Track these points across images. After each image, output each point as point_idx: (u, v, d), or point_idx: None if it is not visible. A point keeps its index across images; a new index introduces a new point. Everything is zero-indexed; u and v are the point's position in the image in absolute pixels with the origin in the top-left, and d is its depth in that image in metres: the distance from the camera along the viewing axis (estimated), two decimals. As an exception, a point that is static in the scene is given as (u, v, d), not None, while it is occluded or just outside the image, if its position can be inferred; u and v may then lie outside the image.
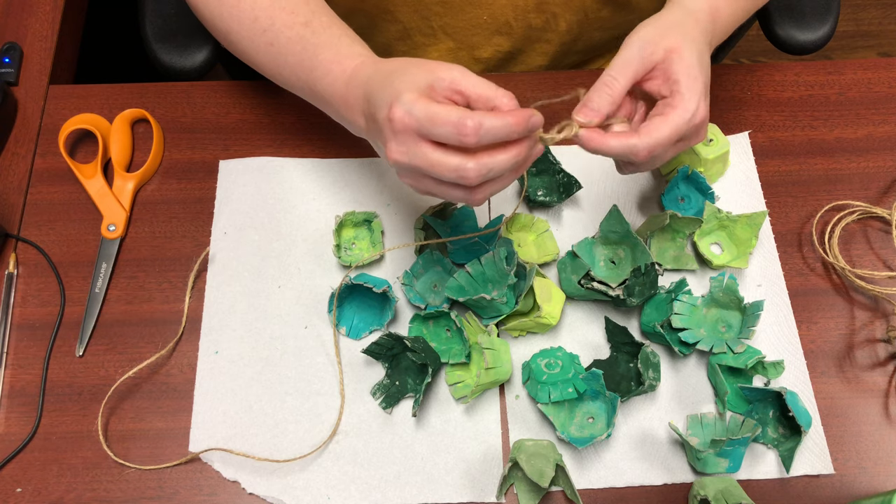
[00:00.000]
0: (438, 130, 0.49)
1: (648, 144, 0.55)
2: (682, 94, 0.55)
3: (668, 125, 0.55)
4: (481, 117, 0.49)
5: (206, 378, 0.66)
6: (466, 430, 0.64)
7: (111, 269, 0.70)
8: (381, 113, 0.52)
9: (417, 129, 0.50)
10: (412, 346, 0.63)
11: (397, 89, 0.51)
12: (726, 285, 0.66)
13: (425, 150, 0.50)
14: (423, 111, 0.50)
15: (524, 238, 0.72)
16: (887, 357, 0.68)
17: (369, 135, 0.58)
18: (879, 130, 0.78)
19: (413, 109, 0.50)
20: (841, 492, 0.62)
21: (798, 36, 0.86)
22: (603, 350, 0.68)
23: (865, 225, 0.74)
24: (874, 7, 1.86)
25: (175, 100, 0.79)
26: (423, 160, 0.51)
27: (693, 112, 0.55)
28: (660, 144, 0.55)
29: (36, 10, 0.84)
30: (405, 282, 0.68)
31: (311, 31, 0.62)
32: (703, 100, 0.56)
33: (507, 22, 0.78)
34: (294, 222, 0.73)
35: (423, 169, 0.51)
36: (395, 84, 0.52)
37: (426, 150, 0.50)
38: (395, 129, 0.51)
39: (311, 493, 0.62)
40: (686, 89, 0.56)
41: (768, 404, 0.64)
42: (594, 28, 0.81)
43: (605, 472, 0.63)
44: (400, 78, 0.52)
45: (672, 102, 0.56)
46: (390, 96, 0.51)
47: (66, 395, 0.65)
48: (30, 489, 0.62)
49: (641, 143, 0.55)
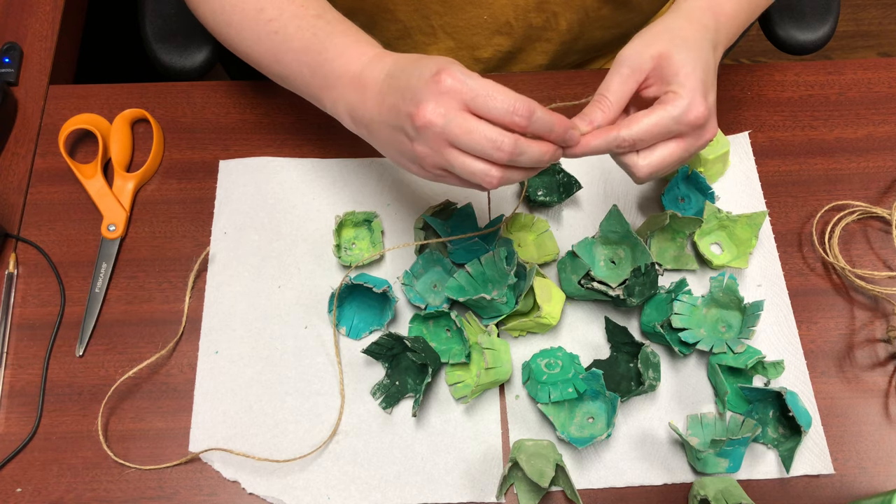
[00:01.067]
0: (492, 104, 0.50)
1: (631, 135, 0.54)
2: (674, 91, 0.55)
3: (652, 116, 0.55)
4: (536, 105, 0.51)
5: (206, 378, 0.66)
6: (466, 430, 0.64)
7: (111, 269, 0.70)
8: (419, 77, 0.52)
9: (467, 97, 0.51)
10: (412, 346, 0.63)
11: (443, 61, 0.52)
12: (726, 285, 0.66)
13: (466, 116, 0.51)
14: (480, 82, 0.51)
15: (524, 238, 0.72)
16: (887, 357, 0.68)
17: (375, 115, 0.57)
18: (879, 130, 0.78)
19: (468, 78, 0.51)
20: (841, 492, 0.62)
21: (798, 36, 0.86)
22: (603, 350, 0.68)
23: (865, 225, 0.74)
24: (874, 7, 1.86)
25: (175, 100, 0.79)
26: (460, 126, 0.51)
27: (685, 106, 0.55)
28: (642, 136, 0.55)
29: (36, 10, 0.84)
30: (405, 282, 0.68)
31: (325, 22, 0.62)
32: (700, 97, 0.56)
33: (508, 21, 0.78)
34: (294, 222, 0.73)
35: (456, 136, 0.51)
36: (434, 58, 0.53)
37: (467, 116, 0.51)
38: (441, 90, 0.51)
39: (311, 493, 0.62)
40: (678, 86, 0.55)
41: (768, 404, 0.64)
42: (595, 27, 0.81)
43: (605, 472, 0.63)
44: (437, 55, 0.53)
45: (664, 99, 0.56)
46: (437, 63, 0.52)
47: (66, 395, 0.65)
48: (30, 489, 0.62)
49: (623, 134, 0.55)
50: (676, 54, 0.56)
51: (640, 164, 0.57)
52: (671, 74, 0.56)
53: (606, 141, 0.55)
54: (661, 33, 0.58)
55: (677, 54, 0.56)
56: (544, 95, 0.79)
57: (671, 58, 0.56)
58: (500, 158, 0.51)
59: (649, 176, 0.57)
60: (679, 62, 0.56)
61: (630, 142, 0.55)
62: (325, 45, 0.61)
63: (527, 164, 0.53)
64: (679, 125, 0.55)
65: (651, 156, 0.57)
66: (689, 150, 0.58)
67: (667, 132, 0.56)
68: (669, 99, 0.55)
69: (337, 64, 0.60)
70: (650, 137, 0.55)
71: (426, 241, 0.68)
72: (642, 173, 0.57)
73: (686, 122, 0.55)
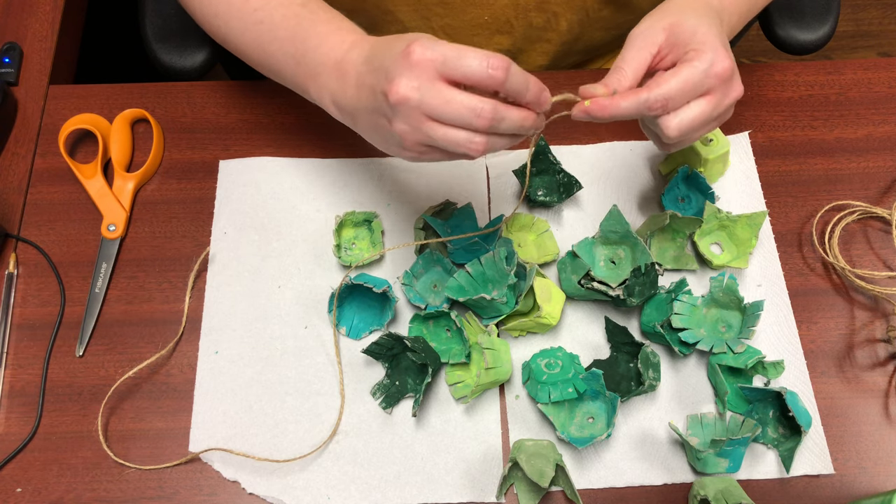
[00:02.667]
0: (466, 62, 0.49)
1: (659, 95, 0.54)
2: (696, 49, 0.55)
3: (679, 75, 0.54)
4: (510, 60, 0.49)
5: (206, 378, 0.66)
6: (466, 430, 0.64)
7: (111, 269, 0.70)
8: (390, 55, 0.51)
9: (440, 64, 0.49)
10: (412, 347, 0.63)
11: (414, 36, 0.51)
12: (726, 285, 0.66)
13: (441, 86, 0.50)
14: (449, 46, 0.50)
15: (524, 238, 0.72)
16: (887, 357, 0.68)
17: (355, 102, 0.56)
18: (879, 130, 0.78)
19: (436, 46, 0.50)
20: (841, 492, 0.62)
21: (798, 36, 0.86)
22: (603, 350, 0.68)
23: (865, 225, 0.74)
24: (874, 7, 1.86)
25: (175, 100, 0.79)
26: (437, 97, 0.49)
27: (710, 62, 0.54)
28: (672, 95, 0.54)
29: (36, 10, 0.84)
30: (405, 282, 0.68)
31: (309, 11, 0.62)
32: (722, 49, 0.55)
33: (508, 21, 0.78)
34: (294, 222, 0.73)
35: (433, 108, 0.50)
36: (406, 36, 0.52)
37: (442, 86, 0.50)
38: (412, 63, 0.50)
39: (311, 493, 0.62)
40: (699, 44, 0.55)
41: (768, 404, 0.64)
42: (595, 28, 0.81)
43: (605, 472, 0.63)
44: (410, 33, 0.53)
45: (686, 58, 0.55)
46: (407, 39, 0.51)
47: (66, 395, 0.65)
48: (30, 489, 0.62)
49: (653, 96, 0.54)
50: (687, 21, 0.56)
51: (670, 123, 0.56)
52: (687, 37, 0.56)
53: (636, 102, 0.54)
54: (668, 9, 0.58)
55: (688, 20, 0.56)
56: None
57: (683, 24, 0.56)
58: (481, 126, 0.50)
59: (679, 136, 0.56)
60: (692, 25, 0.56)
61: (660, 101, 0.54)
62: (309, 33, 0.60)
63: (508, 131, 0.52)
64: (707, 78, 0.55)
65: (680, 114, 0.56)
66: (717, 108, 0.56)
67: (695, 88, 0.55)
68: (692, 56, 0.55)
69: (319, 52, 0.59)
70: (680, 95, 0.54)
71: (426, 241, 0.68)
72: (672, 133, 0.56)
73: (714, 74, 0.55)
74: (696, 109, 0.56)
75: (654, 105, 0.54)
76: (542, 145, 0.71)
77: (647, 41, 0.57)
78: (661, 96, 0.54)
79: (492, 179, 0.75)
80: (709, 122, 0.57)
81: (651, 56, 0.57)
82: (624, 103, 0.54)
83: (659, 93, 0.54)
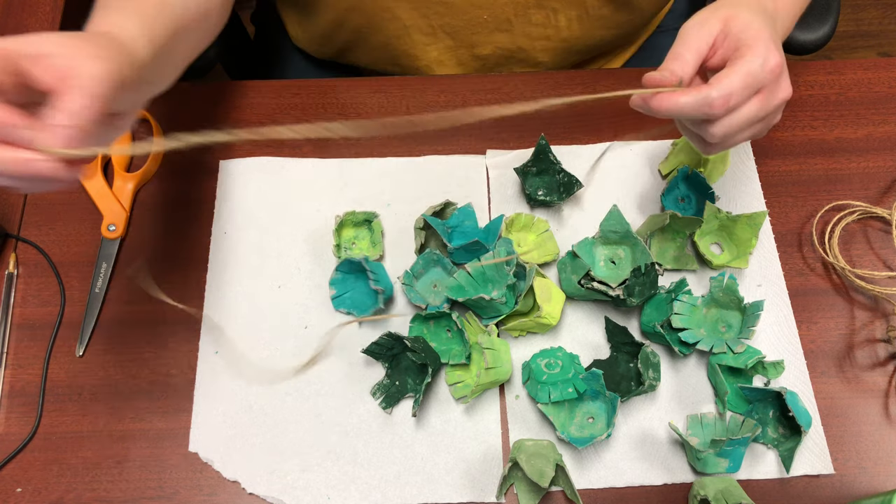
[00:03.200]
0: None
1: (722, 92, 0.51)
2: (748, 45, 0.53)
3: (739, 71, 0.52)
4: None
5: (206, 378, 0.66)
6: (466, 430, 0.64)
7: (111, 269, 0.70)
8: None
9: None
10: (412, 347, 0.63)
11: None
12: (726, 285, 0.66)
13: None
14: None
15: (524, 238, 0.72)
16: (887, 357, 0.68)
17: None
18: (879, 130, 0.78)
19: None
20: (841, 492, 0.62)
21: (798, 36, 0.86)
22: (603, 350, 0.68)
23: (865, 225, 0.74)
24: (874, 7, 1.86)
25: (175, 100, 0.79)
26: None
27: (764, 57, 0.52)
28: (735, 92, 0.52)
29: (36, 10, 0.84)
30: (405, 282, 0.68)
31: None
32: (773, 46, 0.53)
33: (508, 19, 0.78)
34: (294, 222, 0.73)
35: None
36: None
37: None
38: None
39: (311, 493, 0.62)
40: (751, 39, 0.53)
41: (768, 404, 0.64)
42: (595, 26, 0.81)
43: (605, 472, 0.63)
44: None
45: (738, 55, 0.53)
46: None
47: (66, 395, 0.65)
48: (30, 489, 0.62)
49: (715, 93, 0.51)
50: (742, 14, 0.54)
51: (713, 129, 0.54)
52: (741, 30, 0.54)
53: (697, 99, 0.52)
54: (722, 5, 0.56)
55: (742, 14, 0.54)
56: (544, 95, 0.79)
57: (738, 17, 0.54)
58: None
59: (724, 137, 0.54)
60: (747, 19, 0.54)
61: (723, 99, 0.52)
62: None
63: None
64: (764, 74, 0.53)
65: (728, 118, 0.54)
66: (765, 107, 0.55)
67: (754, 84, 0.53)
68: (745, 52, 0.53)
69: None
70: (742, 91, 0.52)
71: (425, 243, 0.68)
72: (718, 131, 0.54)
73: (768, 70, 0.53)
74: (746, 109, 0.54)
75: (716, 103, 0.52)
76: (543, 145, 0.71)
77: (703, 30, 0.54)
78: (725, 93, 0.51)
79: (492, 179, 0.75)
80: (755, 122, 0.55)
81: (708, 46, 0.54)
82: (684, 99, 0.52)
83: (722, 89, 0.51)
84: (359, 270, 0.69)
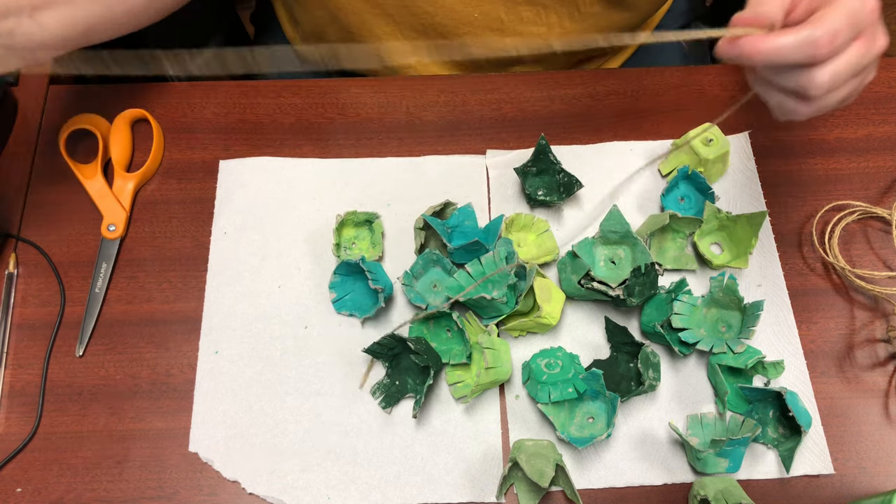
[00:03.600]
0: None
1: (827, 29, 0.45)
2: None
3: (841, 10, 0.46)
4: None
5: (206, 378, 0.66)
6: (466, 430, 0.64)
7: (111, 269, 0.70)
8: None
9: None
10: (414, 348, 0.63)
11: None
12: (726, 285, 0.66)
13: None
14: None
15: (524, 238, 0.72)
16: (887, 357, 0.68)
17: None
18: (879, 130, 0.78)
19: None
20: (841, 492, 0.62)
21: (798, 36, 0.86)
22: (603, 350, 0.68)
23: (865, 225, 0.74)
24: (874, 7, 1.86)
25: (175, 100, 0.79)
26: None
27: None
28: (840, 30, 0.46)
29: (36, 10, 0.84)
30: (405, 282, 0.68)
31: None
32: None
33: (499, 17, 0.78)
34: (294, 222, 0.73)
35: None
36: None
37: None
38: None
39: (311, 493, 0.62)
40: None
41: (768, 404, 0.64)
42: (587, 24, 0.80)
43: (605, 472, 0.63)
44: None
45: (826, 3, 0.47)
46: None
47: (66, 395, 0.65)
48: (30, 489, 0.62)
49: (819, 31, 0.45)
50: None
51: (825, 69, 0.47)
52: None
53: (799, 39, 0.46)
54: None
55: None
56: (544, 95, 0.79)
57: None
58: None
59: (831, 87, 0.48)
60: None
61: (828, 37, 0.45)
62: None
63: None
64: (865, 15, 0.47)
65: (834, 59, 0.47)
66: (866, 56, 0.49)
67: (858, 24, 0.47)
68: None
69: None
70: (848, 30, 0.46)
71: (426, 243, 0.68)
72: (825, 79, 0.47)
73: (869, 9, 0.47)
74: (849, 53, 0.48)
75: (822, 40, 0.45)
76: (543, 145, 0.71)
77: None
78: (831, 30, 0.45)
79: (492, 179, 0.75)
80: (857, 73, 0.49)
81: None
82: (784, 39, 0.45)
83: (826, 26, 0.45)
84: (357, 272, 0.69)
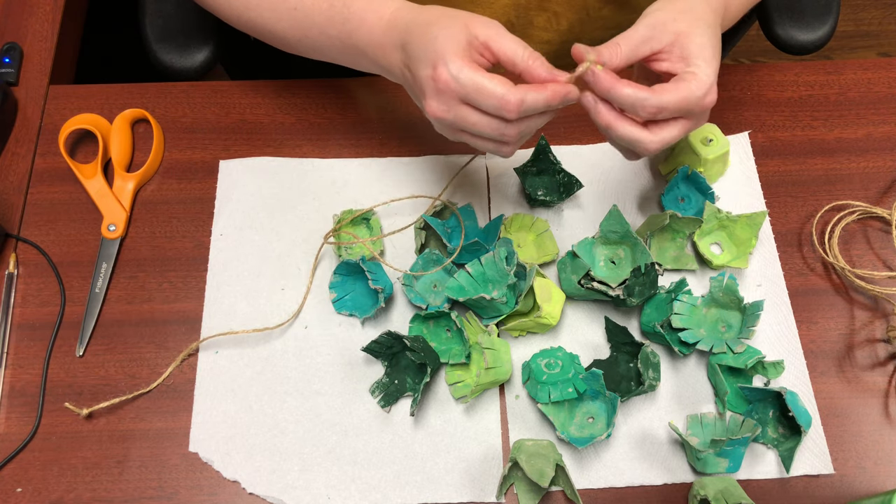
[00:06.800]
0: (483, 101, 0.54)
1: (657, 103, 0.55)
2: (698, 71, 0.56)
3: (680, 92, 0.55)
4: (524, 94, 0.53)
5: (206, 378, 0.66)
6: (466, 430, 0.64)
7: (111, 269, 0.70)
8: (422, 70, 0.55)
9: (462, 96, 0.54)
10: (412, 346, 0.63)
11: (440, 49, 0.54)
12: (726, 285, 0.66)
13: (466, 112, 0.55)
14: (470, 81, 0.53)
15: (524, 238, 0.72)
16: (887, 357, 0.68)
17: (404, 82, 0.60)
18: (879, 130, 0.78)
19: (460, 76, 0.53)
20: (841, 492, 0.62)
21: (798, 36, 0.86)
22: (603, 350, 0.68)
23: (865, 225, 0.74)
24: (874, 7, 1.86)
25: (175, 100, 0.79)
26: (464, 121, 0.55)
27: (706, 89, 0.56)
28: (667, 107, 0.55)
29: (36, 10, 0.84)
30: (405, 282, 0.68)
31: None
32: (715, 83, 0.57)
33: (509, 21, 0.78)
34: (294, 222, 0.73)
35: (464, 126, 0.56)
36: (436, 40, 0.55)
37: (467, 112, 0.55)
38: (439, 90, 0.54)
39: (311, 493, 0.62)
40: (702, 66, 0.56)
41: (768, 404, 0.64)
42: (595, 27, 0.81)
43: (605, 472, 0.63)
44: (440, 32, 0.55)
45: (686, 77, 0.56)
46: (434, 54, 0.54)
47: (66, 395, 0.65)
48: (30, 489, 0.62)
49: (653, 99, 0.55)
50: (698, 37, 0.57)
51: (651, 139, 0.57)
52: (692, 55, 0.57)
53: (635, 95, 0.55)
54: (685, 12, 0.59)
55: (699, 37, 0.57)
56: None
57: (693, 40, 0.57)
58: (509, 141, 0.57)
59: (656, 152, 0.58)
60: (700, 45, 0.57)
61: (655, 108, 0.55)
62: (345, 14, 0.62)
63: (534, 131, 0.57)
64: (697, 106, 0.56)
65: (662, 132, 0.57)
66: (689, 130, 0.59)
67: (686, 111, 0.56)
68: (690, 78, 0.56)
69: (361, 33, 0.61)
70: (673, 111, 0.56)
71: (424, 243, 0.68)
72: (652, 147, 0.57)
73: (702, 105, 0.57)
74: (676, 129, 0.58)
75: (648, 107, 0.55)
76: (543, 145, 0.71)
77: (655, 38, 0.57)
78: (659, 105, 0.55)
79: (492, 179, 0.75)
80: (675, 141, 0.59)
81: (651, 52, 0.58)
82: (625, 89, 0.55)
83: (658, 100, 0.55)
84: (357, 272, 0.69)
